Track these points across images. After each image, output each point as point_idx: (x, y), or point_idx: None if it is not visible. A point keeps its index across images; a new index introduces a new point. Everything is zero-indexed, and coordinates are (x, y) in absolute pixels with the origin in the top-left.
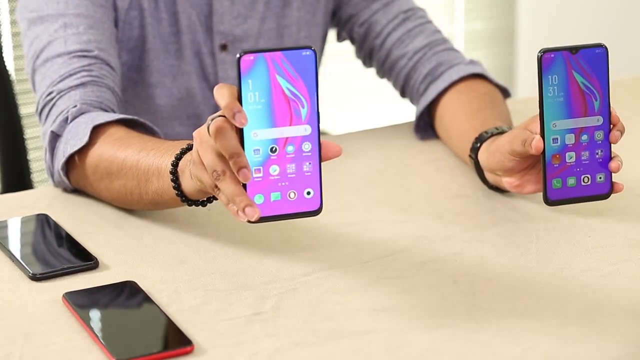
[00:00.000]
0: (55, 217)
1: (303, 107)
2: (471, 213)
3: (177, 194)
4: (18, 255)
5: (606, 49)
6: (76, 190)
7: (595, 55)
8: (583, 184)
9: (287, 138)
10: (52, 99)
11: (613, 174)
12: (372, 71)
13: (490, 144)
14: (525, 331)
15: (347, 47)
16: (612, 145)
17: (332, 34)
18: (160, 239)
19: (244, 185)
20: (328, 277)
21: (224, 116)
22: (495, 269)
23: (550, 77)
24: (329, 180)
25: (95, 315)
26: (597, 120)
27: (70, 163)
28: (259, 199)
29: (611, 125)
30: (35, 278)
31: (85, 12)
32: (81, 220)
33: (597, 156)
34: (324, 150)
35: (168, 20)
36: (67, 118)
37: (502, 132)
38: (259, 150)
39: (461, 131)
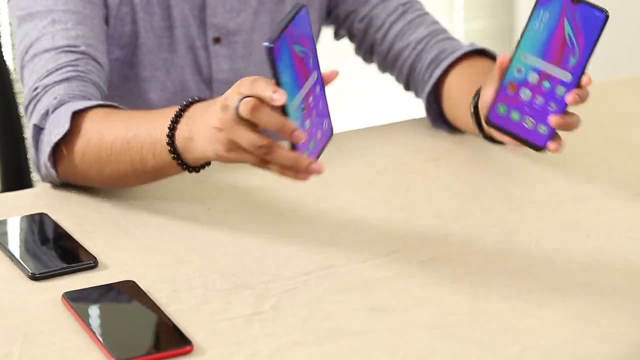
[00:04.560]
0: (54, 216)
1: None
2: (471, 212)
3: (183, 168)
4: (17, 255)
5: (607, 16)
6: (73, 188)
7: (592, 17)
8: (524, 124)
9: (306, 92)
10: (38, 94)
11: (558, 131)
12: (370, 70)
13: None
14: (524, 331)
15: (345, 46)
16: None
17: (329, 33)
18: (160, 238)
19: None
20: (327, 277)
21: (248, 97)
22: (495, 269)
23: (542, 11)
24: (328, 179)
25: (94, 314)
26: (565, 76)
27: (57, 154)
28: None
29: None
30: (34, 278)
31: (74, 8)
32: (80, 219)
33: (549, 108)
34: (325, 80)
35: (161, 14)
36: (48, 111)
37: None
38: (301, 109)
39: (467, 104)
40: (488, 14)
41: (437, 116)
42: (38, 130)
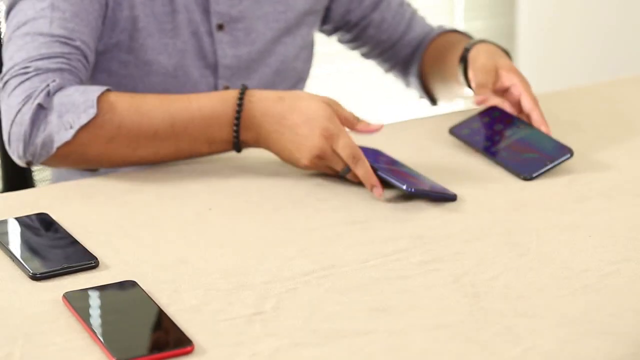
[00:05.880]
0: (55, 216)
1: None
2: (471, 212)
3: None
4: (18, 255)
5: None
6: (74, 187)
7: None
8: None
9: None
10: (27, 73)
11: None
12: (372, 72)
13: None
14: (525, 331)
15: (344, 47)
16: None
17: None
18: (161, 238)
19: None
20: (328, 277)
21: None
22: (495, 269)
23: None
24: (329, 180)
25: (95, 315)
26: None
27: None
28: None
29: None
30: (35, 278)
31: None
32: (81, 219)
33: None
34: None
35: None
36: (49, 92)
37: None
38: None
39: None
40: (488, 14)
41: (421, 86)
42: (40, 109)
